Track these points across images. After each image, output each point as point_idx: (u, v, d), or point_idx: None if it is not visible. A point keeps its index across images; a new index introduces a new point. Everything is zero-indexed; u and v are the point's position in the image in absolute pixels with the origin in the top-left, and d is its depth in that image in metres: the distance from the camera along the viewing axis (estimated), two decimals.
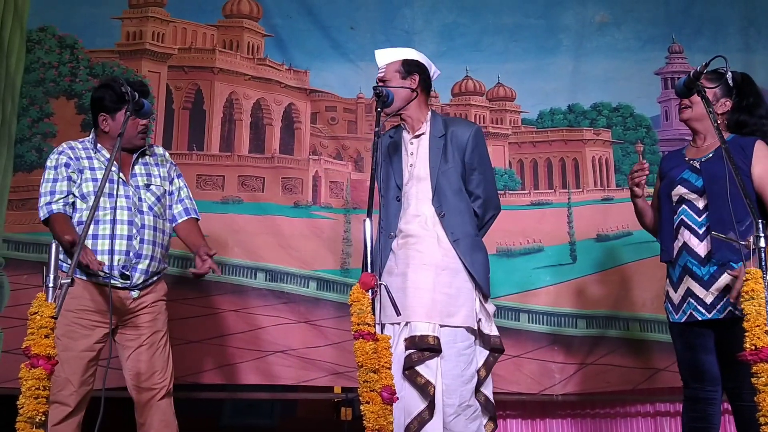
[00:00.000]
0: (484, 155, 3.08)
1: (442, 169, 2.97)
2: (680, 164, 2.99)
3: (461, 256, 2.91)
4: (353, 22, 4.86)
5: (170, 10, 4.87)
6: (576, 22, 4.86)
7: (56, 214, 3.01)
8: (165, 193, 3.25)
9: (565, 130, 4.81)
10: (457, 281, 2.90)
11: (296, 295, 4.49)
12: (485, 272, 2.98)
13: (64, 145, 3.18)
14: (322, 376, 4.37)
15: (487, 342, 2.95)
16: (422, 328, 2.81)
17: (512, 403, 4.51)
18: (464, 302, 2.89)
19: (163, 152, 3.36)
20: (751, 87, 2.98)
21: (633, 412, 4.56)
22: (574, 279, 4.54)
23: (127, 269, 3.03)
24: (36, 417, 2.01)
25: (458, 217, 2.96)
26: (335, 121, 4.83)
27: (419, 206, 2.97)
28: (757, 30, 4.84)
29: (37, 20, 4.77)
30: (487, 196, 3.05)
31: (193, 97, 4.79)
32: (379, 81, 3.05)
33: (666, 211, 2.99)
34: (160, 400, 3.08)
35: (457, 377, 2.82)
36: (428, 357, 2.79)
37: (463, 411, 2.82)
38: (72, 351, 2.93)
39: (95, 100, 3.18)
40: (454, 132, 3.02)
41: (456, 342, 2.84)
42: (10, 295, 4.37)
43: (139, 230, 3.07)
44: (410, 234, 2.96)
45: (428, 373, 2.78)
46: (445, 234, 2.93)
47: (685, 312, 2.88)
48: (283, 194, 4.66)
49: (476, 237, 3.01)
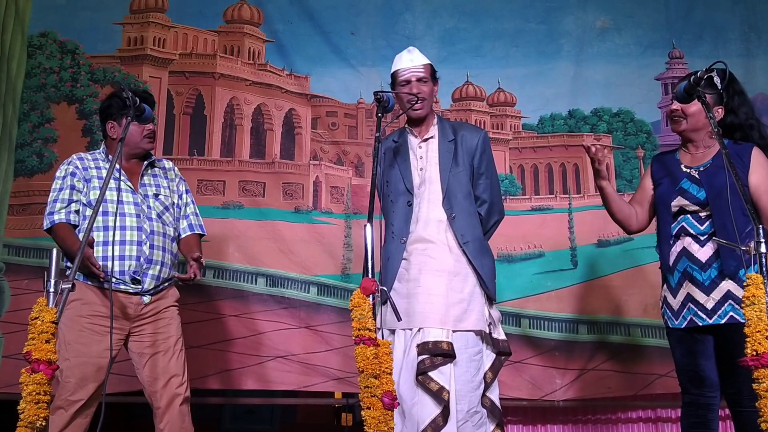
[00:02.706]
0: (491, 160, 3.11)
1: (453, 172, 2.99)
2: (675, 171, 2.97)
3: (471, 259, 2.92)
4: (354, 28, 4.87)
5: (171, 15, 4.88)
6: (577, 27, 4.87)
7: (58, 224, 3.07)
8: (173, 204, 3.28)
9: (565, 136, 4.81)
10: (468, 286, 2.91)
11: (297, 300, 4.49)
12: (492, 276, 2.99)
13: (73, 156, 3.23)
14: (323, 382, 4.36)
15: (496, 345, 2.95)
16: (436, 334, 2.81)
17: (513, 409, 4.50)
18: (475, 306, 2.90)
19: (172, 166, 3.41)
20: (735, 86, 2.93)
21: (634, 417, 4.55)
22: (574, 284, 4.53)
23: (138, 274, 3.05)
24: (37, 422, 2.01)
25: (468, 220, 2.97)
26: (336, 127, 4.83)
27: (431, 210, 2.98)
28: (757, 35, 4.84)
29: (39, 25, 4.78)
30: (492, 200, 3.07)
31: (194, 102, 4.79)
32: (417, 80, 3.04)
33: (665, 220, 2.96)
34: (180, 405, 3.07)
35: (468, 383, 2.82)
36: (441, 363, 2.78)
37: (470, 417, 2.82)
38: (84, 357, 2.94)
39: (103, 109, 3.24)
40: (464, 136, 3.05)
41: (468, 347, 2.85)
42: (11, 300, 4.37)
43: (148, 236, 3.10)
44: (422, 239, 2.96)
45: (442, 378, 2.77)
46: (455, 237, 2.94)
47: (685, 317, 2.86)
48: (284, 199, 4.67)
49: (484, 241, 3.03)
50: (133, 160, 3.22)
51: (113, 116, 3.17)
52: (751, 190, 2.81)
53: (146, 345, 3.09)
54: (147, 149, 3.23)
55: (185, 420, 3.09)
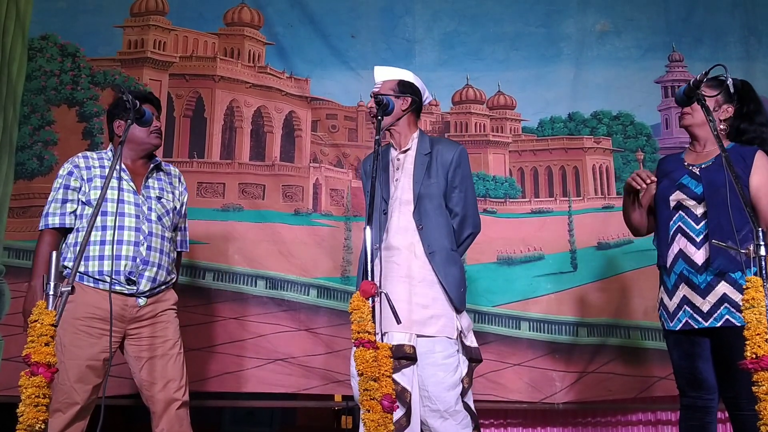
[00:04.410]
0: (466, 175, 3.14)
1: (425, 184, 3.04)
2: (679, 168, 2.99)
3: (435, 269, 2.97)
4: (354, 31, 4.87)
5: (172, 18, 4.89)
6: (576, 30, 4.88)
7: (46, 229, 3.09)
8: (174, 209, 3.28)
9: (565, 139, 4.81)
10: (433, 292, 2.96)
11: (296, 302, 4.49)
12: (458, 286, 3.01)
13: (78, 155, 3.23)
14: (323, 384, 4.36)
15: (468, 352, 2.99)
16: (399, 337, 2.86)
17: (513, 412, 4.50)
18: (442, 313, 2.94)
19: (178, 174, 3.40)
20: (752, 94, 2.97)
21: (634, 420, 4.55)
22: (574, 287, 4.53)
23: (134, 275, 3.03)
24: (36, 425, 2.00)
25: (436, 231, 3.01)
26: (336, 129, 4.84)
27: (401, 219, 3.04)
28: (757, 39, 4.85)
29: (39, 28, 4.79)
30: (464, 213, 3.11)
31: (194, 104, 4.80)
32: (373, 96, 3.11)
33: (663, 216, 2.97)
34: (178, 410, 3.05)
35: (439, 384, 2.87)
36: (404, 365, 2.84)
37: (451, 416, 2.86)
38: (77, 359, 2.92)
39: (111, 109, 3.27)
40: (440, 150, 3.11)
41: (434, 352, 2.89)
42: (11, 302, 4.37)
43: (146, 237, 3.08)
44: (391, 246, 3.02)
45: (404, 380, 2.83)
46: (423, 246, 2.99)
47: (680, 320, 2.86)
48: (284, 202, 4.67)
49: (452, 252, 3.05)
50: (140, 162, 3.22)
51: (120, 116, 3.18)
52: (752, 191, 2.81)
53: (143, 348, 3.08)
54: (155, 145, 3.23)
55: (183, 424, 3.07)
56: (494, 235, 4.56)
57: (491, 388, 4.31)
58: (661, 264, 2.98)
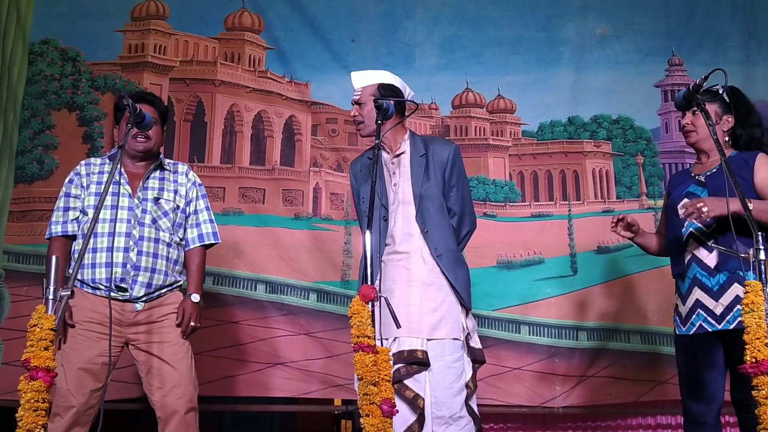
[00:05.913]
0: (461, 173, 3.14)
1: (425, 186, 3.03)
2: (686, 180, 3.04)
3: (444, 271, 2.96)
4: (354, 35, 4.88)
5: (172, 22, 4.90)
6: (577, 34, 4.88)
7: (53, 237, 3.10)
8: (176, 208, 3.20)
9: (565, 142, 4.82)
10: (441, 295, 2.95)
11: (296, 306, 4.49)
12: (467, 287, 3.02)
13: (82, 162, 3.23)
14: (322, 389, 4.36)
15: (472, 353, 2.99)
16: (410, 342, 2.85)
17: (513, 416, 4.50)
18: (450, 315, 2.94)
19: (185, 171, 3.30)
20: (741, 98, 3.00)
21: (634, 424, 4.55)
22: (574, 291, 4.53)
23: (125, 282, 3.00)
24: (35, 429, 2.00)
25: (440, 233, 3.00)
26: (336, 133, 4.84)
27: (405, 224, 3.02)
28: (757, 43, 4.85)
29: (40, 32, 4.80)
30: (462, 211, 3.10)
31: (194, 109, 4.80)
32: (354, 104, 3.11)
33: (674, 225, 3.00)
34: (185, 414, 3.02)
35: (447, 389, 2.85)
36: (416, 371, 2.83)
37: (455, 422, 2.85)
38: (75, 363, 2.91)
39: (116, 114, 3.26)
40: (435, 150, 3.08)
41: (444, 355, 2.88)
42: (10, 306, 4.37)
43: (136, 242, 3.04)
44: (396, 251, 3.00)
45: (417, 386, 2.82)
46: (429, 250, 2.97)
47: (693, 324, 2.87)
48: (284, 206, 4.67)
49: (458, 252, 3.06)
50: (140, 163, 3.18)
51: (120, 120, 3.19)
52: (757, 189, 2.85)
53: (144, 353, 3.05)
54: (138, 150, 3.13)
55: (190, 430, 3.03)
56: (494, 239, 4.56)
57: (491, 392, 4.31)
58: (676, 272, 3.00)
